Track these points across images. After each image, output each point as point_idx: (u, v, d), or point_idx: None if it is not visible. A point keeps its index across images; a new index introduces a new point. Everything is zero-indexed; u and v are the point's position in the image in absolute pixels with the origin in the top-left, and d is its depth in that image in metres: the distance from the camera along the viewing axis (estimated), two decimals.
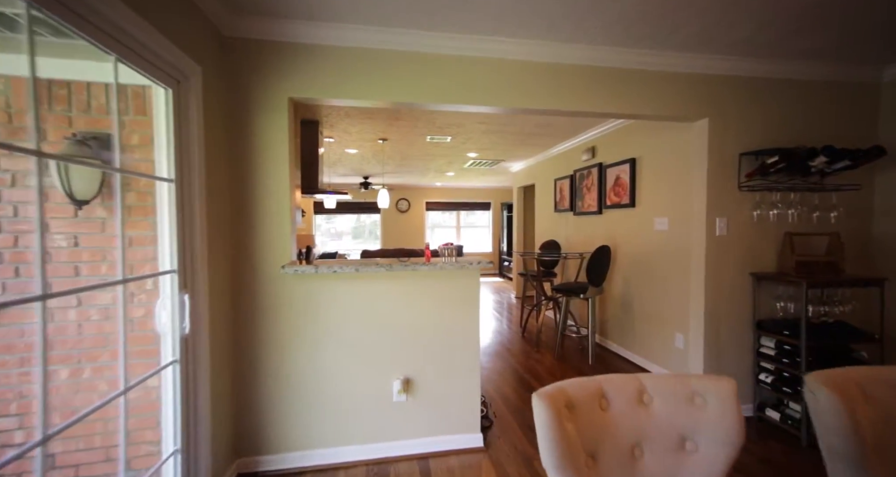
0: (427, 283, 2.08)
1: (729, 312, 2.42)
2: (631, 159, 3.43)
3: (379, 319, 2.04)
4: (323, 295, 1.98)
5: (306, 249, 3.90)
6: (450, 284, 2.10)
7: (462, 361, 2.13)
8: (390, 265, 1.94)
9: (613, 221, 3.76)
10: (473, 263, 2.03)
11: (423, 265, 1.97)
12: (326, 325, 1.99)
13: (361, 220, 9.76)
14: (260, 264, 1.93)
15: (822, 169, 2.23)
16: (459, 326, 2.12)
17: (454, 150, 5.06)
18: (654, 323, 3.21)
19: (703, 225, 2.37)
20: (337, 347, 2.00)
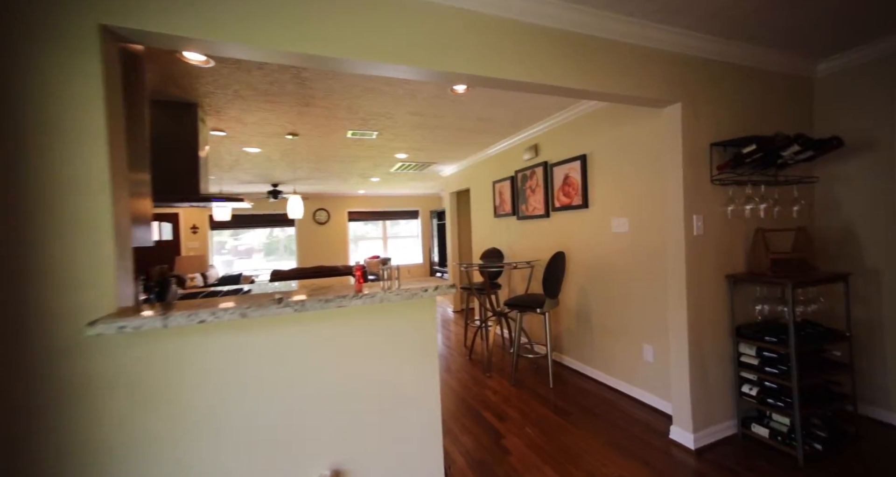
0: (361, 324, 1.40)
1: (708, 318, 2.15)
2: (581, 156, 3.14)
3: (288, 386, 1.29)
4: (186, 361, 1.17)
5: (159, 282, 2.70)
6: (395, 323, 1.44)
7: (418, 434, 1.46)
8: (302, 304, 1.21)
9: (564, 225, 3.44)
10: (428, 288, 1.39)
11: (353, 299, 1.28)
12: (196, 408, 1.18)
13: (275, 235, 8.45)
14: (37, 324, 1.05)
15: (786, 161, 2.08)
16: (412, 382, 1.46)
17: (381, 149, 4.39)
18: (617, 335, 2.89)
19: (681, 224, 2.07)
20: (216, 440, 1.20)
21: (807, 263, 2.13)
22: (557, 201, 3.47)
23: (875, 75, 2.26)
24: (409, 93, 2.71)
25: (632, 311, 2.76)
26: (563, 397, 2.82)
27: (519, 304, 3.08)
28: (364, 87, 2.57)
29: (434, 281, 1.50)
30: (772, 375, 2.04)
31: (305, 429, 1.31)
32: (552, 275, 2.98)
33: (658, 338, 2.56)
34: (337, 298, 1.27)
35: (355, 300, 1.29)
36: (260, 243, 8.43)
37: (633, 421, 2.43)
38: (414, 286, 1.40)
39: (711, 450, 2.09)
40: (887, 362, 2.28)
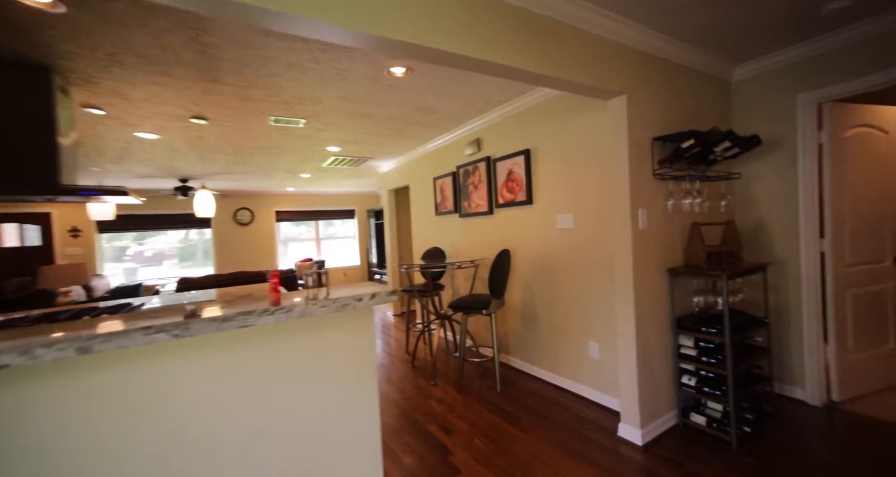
0: (278, 346, 1.09)
1: (652, 313, 2.16)
2: (525, 151, 3.06)
3: (172, 442, 0.94)
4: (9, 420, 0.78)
5: None
6: (323, 342, 1.16)
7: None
8: (185, 325, 0.88)
9: (508, 222, 3.34)
10: (363, 296, 1.13)
11: (263, 315, 0.97)
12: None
13: (191, 238, 7.39)
14: None
15: (716, 157, 2.16)
16: (345, 418, 1.19)
17: (310, 141, 3.96)
18: (563, 333, 2.86)
19: (627, 218, 2.05)
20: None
21: (735, 255, 2.24)
22: (501, 198, 3.37)
23: (780, 82, 2.45)
24: (339, 73, 2.39)
25: (577, 308, 2.74)
26: (512, 401, 2.70)
27: (463, 305, 2.91)
28: (285, 63, 2.20)
29: (371, 287, 1.24)
30: (709, 365, 2.09)
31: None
32: (497, 274, 2.86)
33: (603, 334, 2.55)
34: (240, 315, 0.95)
35: (266, 317, 0.99)
36: (172, 248, 7.34)
37: (581, 421, 2.38)
38: (346, 294, 1.13)
39: (657, 443, 2.09)
40: (792, 344, 2.49)
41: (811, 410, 2.37)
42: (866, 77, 2.13)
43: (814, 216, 2.38)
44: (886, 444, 1.99)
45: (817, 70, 2.30)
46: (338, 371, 1.17)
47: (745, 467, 1.85)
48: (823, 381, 2.43)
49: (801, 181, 2.40)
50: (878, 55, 2.09)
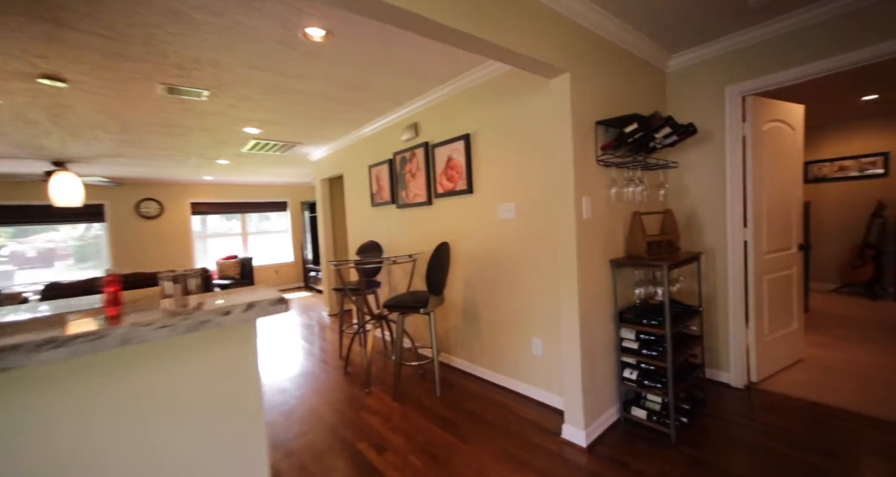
0: (110, 384, 0.74)
1: (596, 306, 2.06)
2: (464, 136, 2.85)
3: None
4: None
5: None
6: (179, 371, 0.82)
7: None
8: None
9: (448, 213, 3.12)
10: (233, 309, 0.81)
11: (45, 349, 0.62)
12: None
13: (91, 234, 6.19)
14: None
15: (657, 144, 2.11)
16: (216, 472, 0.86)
17: (221, 119, 3.39)
18: (506, 330, 2.71)
19: (571, 206, 1.91)
20: None
21: (673, 245, 2.22)
22: (440, 186, 3.14)
23: (710, 74, 2.49)
24: (244, 32, 1.97)
25: (520, 303, 2.60)
26: (452, 406, 2.50)
27: (399, 304, 2.64)
28: (163, 8, 1.73)
29: (256, 293, 0.93)
30: (649, 358, 2.05)
31: None
32: (436, 269, 2.63)
33: (546, 330, 2.43)
34: (47, 345, 0.59)
35: (48, 351, 0.63)
36: (67, 246, 6.11)
37: (525, 423, 2.24)
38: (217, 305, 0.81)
39: (600, 442, 2.01)
40: (719, 330, 2.58)
41: (735, 392, 2.46)
42: (785, 71, 2.20)
43: (739, 206, 2.45)
44: (801, 424, 2.09)
45: (742, 63, 2.35)
46: (203, 409, 0.85)
47: (685, 460, 1.82)
48: (744, 363, 2.54)
49: (727, 172, 2.46)
50: (796, 50, 2.16)
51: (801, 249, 2.81)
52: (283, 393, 2.86)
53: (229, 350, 0.87)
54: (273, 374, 3.27)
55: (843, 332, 3.46)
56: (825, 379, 2.57)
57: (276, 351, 3.92)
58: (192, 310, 0.72)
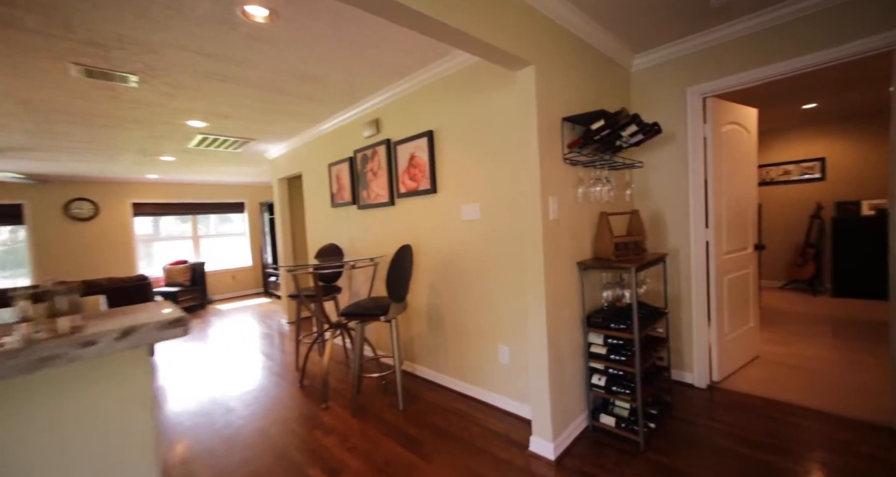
0: None
1: (564, 310, 1.98)
2: (427, 132, 2.70)
3: None
4: None
5: None
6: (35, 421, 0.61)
7: None
8: None
9: (411, 213, 2.96)
10: (100, 339, 0.61)
11: None
12: None
13: (16, 238, 5.45)
14: None
15: (623, 143, 2.06)
16: None
17: (159, 110, 3.05)
18: (472, 337, 2.59)
19: (538, 206, 1.81)
20: None
21: (640, 246, 2.18)
22: (403, 186, 2.97)
23: (672, 75, 2.49)
24: (169, 5, 1.72)
25: (486, 308, 2.48)
26: (415, 421, 2.34)
27: (358, 312, 2.45)
28: None
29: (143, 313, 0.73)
30: (617, 363, 1.98)
31: None
32: (397, 274, 2.46)
33: (513, 337, 2.33)
34: None
35: None
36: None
37: (491, 437, 2.12)
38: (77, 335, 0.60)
39: (569, 454, 1.92)
40: (683, 331, 2.59)
41: (699, 392, 2.47)
42: (741, 73, 2.23)
43: (701, 207, 2.47)
44: (761, 423, 2.10)
45: (703, 65, 2.37)
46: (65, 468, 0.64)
47: (654, 469, 1.76)
48: (707, 363, 2.56)
49: (690, 172, 2.46)
50: (751, 54, 2.19)
51: (756, 248, 2.88)
52: (228, 413, 2.59)
53: (104, 390, 0.67)
54: (220, 390, 2.97)
55: (791, 327, 3.62)
56: (779, 375, 2.63)
57: (226, 364, 3.59)
58: (28, 342, 0.53)
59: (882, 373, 2.57)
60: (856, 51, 1.93)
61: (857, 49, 1.92)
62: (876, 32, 1.87)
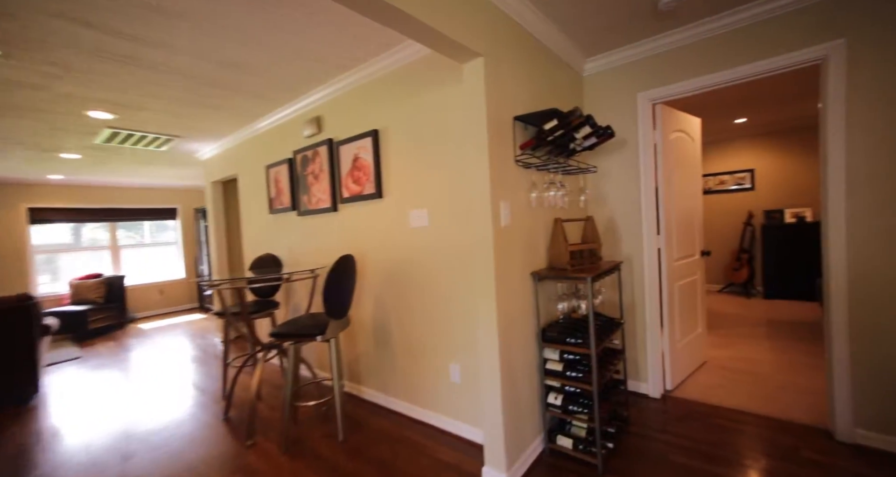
0: None
1: (517, 324, 1.82)
2: (372, 132, 2.47)
3: None
4: None
5: None
6: None
7: None
8: None
9: (355, 220, 2.70)
10: None
11: None
12: None
13: None
14: None
15: (576, 146, 1.97)
16: None
17: (43, 96, 2.56)
18: (422, 355, 2.36)
19: (488, 212, 1.64)
20: None
21: (595, 254, 2.09)
22: (346, 190, 2.71)
23: (623, 80, 2.47)
24: None
25: (436, 323, 2.27)
26: (357, 454, 2.06)
27: (291, 332, 2.14)
28: None
29: None
30: (574, 380, 1.85)
31: None
32: (337, 288, 2.18)
33: (465, 354, 2.14)
34: None
35: None
36: None
37: (442, 467, 1.89)
38: None
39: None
40: (637, 340, 2.54)
41: (654, 403, 2.41)
42: (690, 80, 2.24)
43: (653, 213, 2.44)
44: (714, 433, 2.06)
45: (652, 71, 2.36)
46: None
47: None
48: (661, 372, 2.52)
49: (642, 178, 2.44)
50: (699, 61, 2.20)
51: (702, 255, 2.93)
52: (126, 460, 2.14)
53: None
54: (122, 431, 2.49)
55: (732, 330, 3.76)
56: (726, 380, 2.66)
57: (137, 396, 3.06)
58: None
59: (816, 373, 2.67)
60: (789, 62, 1.98)
61: (791, 61, 1.98)
62: (807, 45, 1.93)
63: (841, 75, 1.85)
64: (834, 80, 1.87)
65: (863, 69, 1.80)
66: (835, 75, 1.87)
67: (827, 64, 1.90)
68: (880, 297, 1.80)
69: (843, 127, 1.86)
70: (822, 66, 1.95)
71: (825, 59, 1.91)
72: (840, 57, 1.86)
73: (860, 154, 1.82)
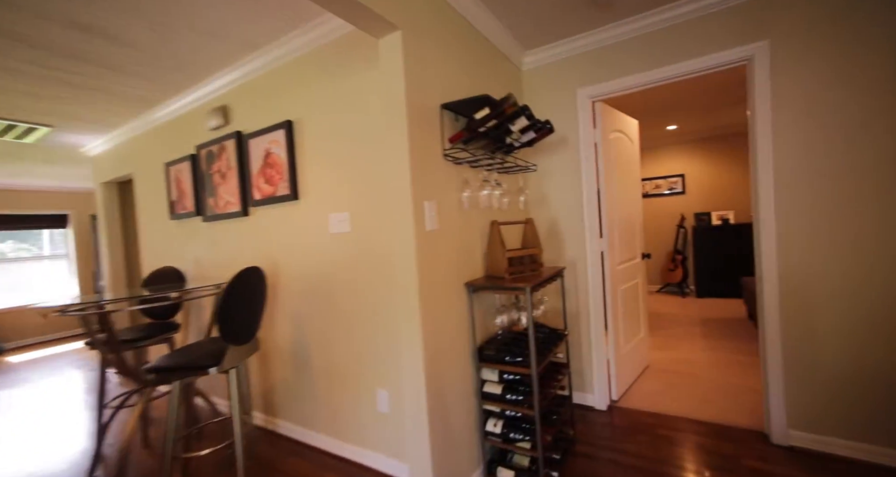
0: None
1: (448, 344, 1.56)
2: (285, 123, 2.12)
3: None
4: None
5: None
6: None
7: None
8: None
9: (269, 226, 2.31)
10: None
11: None
12: None
13: None
14: None
15: (514, 141, 1.77)
16: None
17: None
18: (346, 380, 2.03)
19: (409, 213, 1.38)
20: None
21: (536, 260, 1.90)
22: (258, 191, 2.31)
23: (563, 75, 2.35)
24: None
25: (361, 344, 1.95)
26: None
27: (176, 365, 1.71)
28: None
29: None
30: (515, 403, 1.63)
31: None
32: (238, 307, 1.79)
33: (394, 379, 1.84)
34: None
35: None
36: None
37: None
38: None
39: None
40: (583, 350, 2.40)
41: (600, 416, 2.28)
42: (630, 76, 2.16)
43: (595, 215, 2.33)
44: (660, 444, 1.95)
45: (592, 66, 2.26)
46: None
47: None
48: (606, 382, 2.40)
49: (584, 179, 2.32)
50: (637, 58, 2.13)
51: (643, 257, 2.90)
52: None
53: None
54: None
55: (670, 330, 3.82)
56: (668, 385, 2.62)
57: None
58: None
59: (746, 371, 2.72)
60: (720, 62, 1.95)
61: (721, 60, 1.95)
62: (736, 45, 1.90)
63: (765, 76, 1.85)
64: (760, 81, 1.86)
65: (785, 70, 1.79)
66: (760, 76, 1.86)
67: (752, 65, 1.89)
68: (810, 296, 1.79)
69: (770, 130, 1.84)
70: (748, 67, 1.94)
71: (751, 59, 1.89)
72: (764, 58, 1.85)
73: (787, 156, 1.81)
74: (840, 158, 1.71)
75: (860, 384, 1.72)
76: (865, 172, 1.66)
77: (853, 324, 1.72)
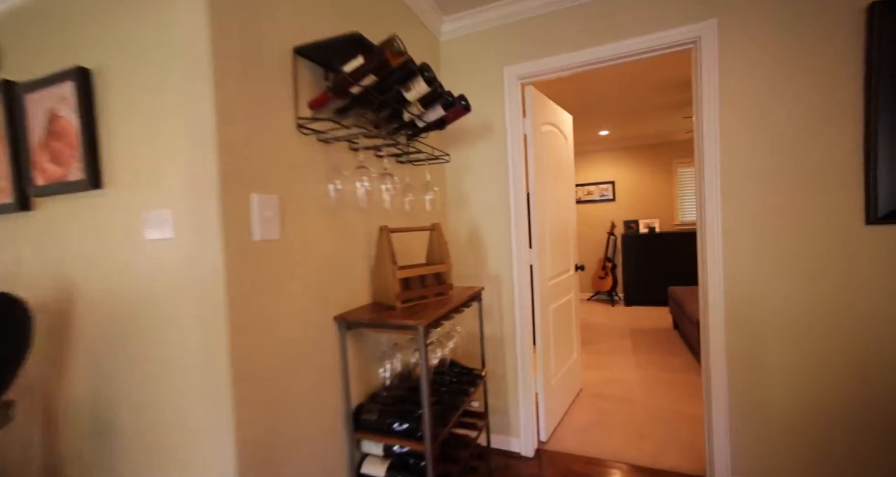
0: None
1: (302, 410, 1.01)
2: (77, 72, 1.40)
3: None
4: None
5: None
6: None
7: None
8: None
9: (59, 227, 1.56)
10: None
11: None
12: None
13: None
14: None
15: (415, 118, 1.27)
16: None
17: None
18: (167, 450, 1.36)
19: (215, 215, 0.81)
20: None
21: (443, 281, 1.40)
22: (41, 173, 1.55)
23: (488, 50, 1.92)
24: None
25: (191, 397, 1.31)
26: None
27: None
28: None
29: None
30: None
31: None
32: None
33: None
34: None
35: None
36: None
37: None
38: None
39: None
40: (508, 384, 1.98)
41: (526, 466, 1.87)
42: (564, 55, 1.78)
43: (524, 221, 1.92)
44: None
45: (522, 40, 1.85)
46: None
47: None
48: (534, 421, 1.99)
49: (511, 176, 1.90)
50: (576, 31, 1.76)
51: (577, 269, 2.58)
52: None
53: None
54: None
55: (601, 345, 3.61)
56: (601, 415, 2.31)
57: None
58: None
59: (677, 390, 2.51)
60: (665, 42, 1.66)
61: (666, 40, 1.65)
62: (683, 23, 1.61)
63: (713, 62, 1.57)
64: (707, 67, 1.58)
65: (733, 53, 1.52)
66: (707, 60, 1.58)
67: (700, 45, 1.60)
68: (756, 320, 1.52)
69: (717, 128, 1.56)
70: (694, 51, 1.66)
71: (698, 40, 1.61)
72: (711, 38, 1.57)
73: (735, 157, 1.53)
74: (788, 160, 1.45)
75: (811, 424, 1.48)
76: (810, 178, 1.42)
77: (802, 359, 1.47)
